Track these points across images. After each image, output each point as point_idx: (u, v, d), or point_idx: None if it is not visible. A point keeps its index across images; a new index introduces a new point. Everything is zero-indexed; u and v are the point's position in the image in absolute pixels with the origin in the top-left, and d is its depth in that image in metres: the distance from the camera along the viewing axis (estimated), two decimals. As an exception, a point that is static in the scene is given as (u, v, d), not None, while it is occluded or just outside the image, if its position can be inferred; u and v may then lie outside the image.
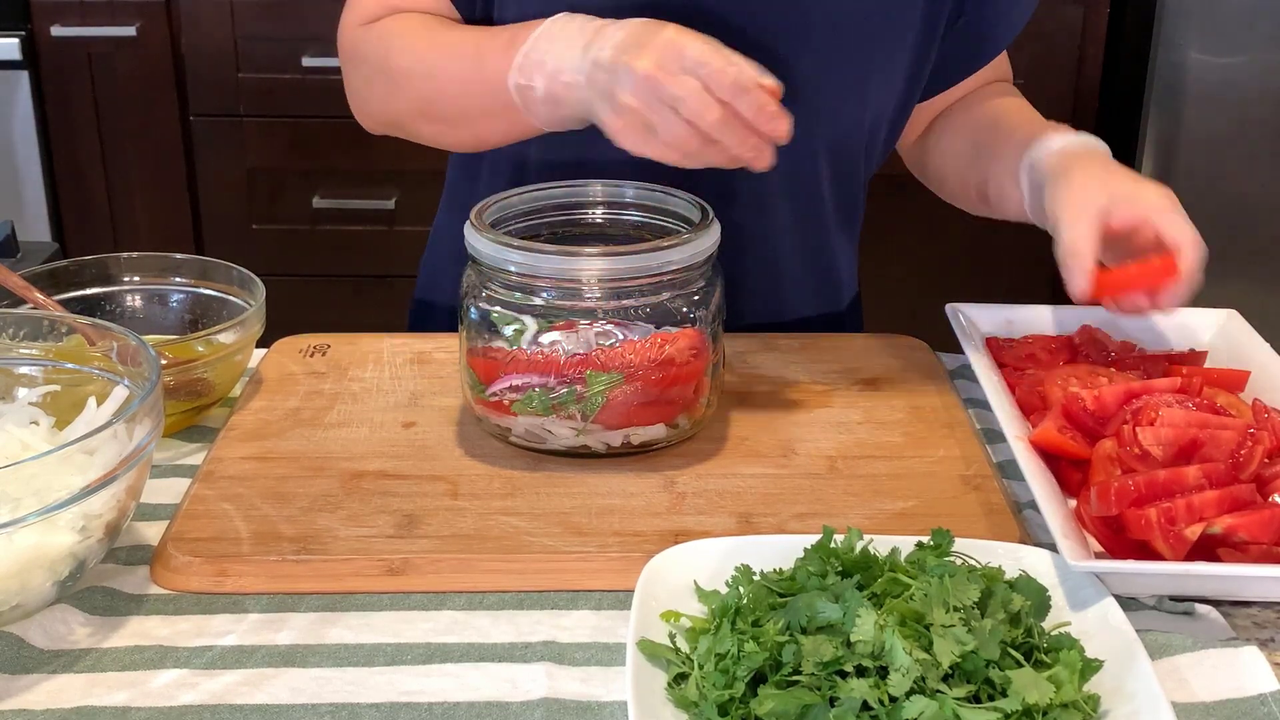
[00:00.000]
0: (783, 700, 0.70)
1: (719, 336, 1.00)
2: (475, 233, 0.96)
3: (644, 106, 0.93)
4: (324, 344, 1.16)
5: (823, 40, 1.14)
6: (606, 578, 0.87)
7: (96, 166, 2.44)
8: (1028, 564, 0.83)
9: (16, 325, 0.98)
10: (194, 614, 0.84)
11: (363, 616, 0.84)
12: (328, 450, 1.00)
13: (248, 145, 2.43)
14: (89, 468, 0.81)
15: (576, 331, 0.95)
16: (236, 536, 0.89)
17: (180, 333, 1.11)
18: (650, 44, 0.94)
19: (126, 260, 1.13)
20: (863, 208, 1.30)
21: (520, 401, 0.96)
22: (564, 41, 0.99)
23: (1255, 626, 0.84)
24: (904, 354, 1.17)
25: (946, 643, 0.71)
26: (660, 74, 0.92)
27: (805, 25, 1.13)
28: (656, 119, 0.93)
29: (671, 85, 0.92)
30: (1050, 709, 0.71)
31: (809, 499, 0.95)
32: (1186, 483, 0.87)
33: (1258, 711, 0.75)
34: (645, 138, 0.95)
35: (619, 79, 0.94)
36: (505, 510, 0.93)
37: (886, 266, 2.43)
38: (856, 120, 1.20)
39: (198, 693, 0.77)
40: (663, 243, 0.95)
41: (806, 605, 0.75)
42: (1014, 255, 2.49)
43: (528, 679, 0.78)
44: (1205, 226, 1.04)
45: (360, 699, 0.76)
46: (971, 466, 0.99)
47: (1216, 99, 2.33)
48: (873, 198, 1.33)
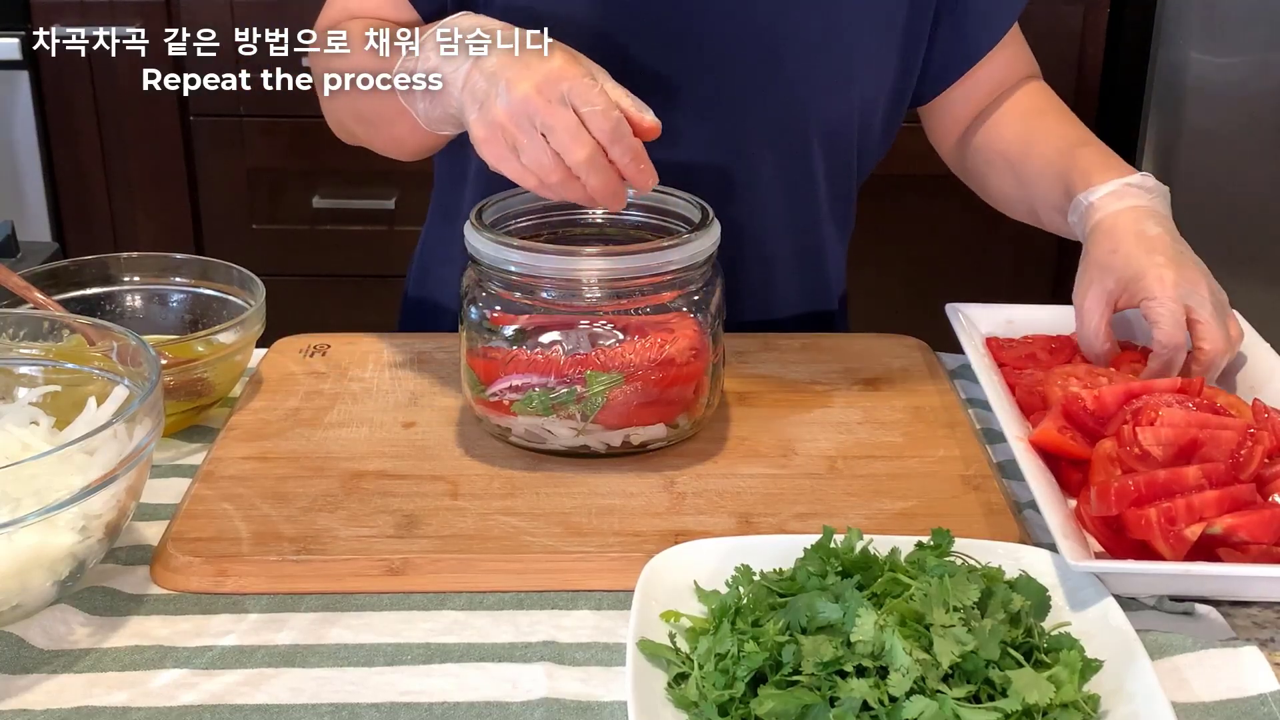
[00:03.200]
0: (783, 700, 0.70)
1: (719, 336, 1.00)
2: (475, 233, 0.96)
3: (514, 126, 0.91)
4: (324, 344, 1.16)
5: (809, 28, 1.14)
6: (606, 578, 0.87)
7: (96, 166, 2.44)
8: (1028, 564, 0.83)
9: (16, 325, 0.98)
10: (194, 614, 0.84)
11: (363, 616, 0.84)
12: (328, 450, 1.00)
13: (248, 145, 2.43)
14: (89, 468, 0.81)
15: (576, 331, 0.95)
16: (236, 536, 0.89)
17: (180, 333, 1.11)
18: (537, 67, 0.92)
19: (126, 260, 1.13)
20: (855, 205, 1.30)
21: (520, 401, 0.96)
22: (444, 45, 0.97)
23: (1255, 626, 0.84)
24: (904, 354, 1.17)
25: (946, 643, 0.71)
26: (538, 99, 0.91)
27: (791, 14, 1.13)
28: (524, 141, 0.92)
29: (546, 114, 0.90)
30: (1050, 709, 0.71)
31: (809, 499, 0.95)
32: (1186, 483, 0.87)
33: (1258, 711, 0.75)
34: (506, 156, 0.93)
35: (495, 92, 0.92)
36: (505, 510, 0.93)
37: (886, 266, 2.44)
38: (847, 111, 1.20)
39: (198, 693, 0.77)
40: (663, 243, 0.95)
41: (806, 605, 0.75)
42: (1014, 255, 2.50)
43: (528, 679, 0.78)
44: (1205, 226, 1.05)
45: (360, 699, 0.76)
46: (971, 466, 0.99)
47: (1216, 98, 2.33)
48: (871, 198, 1.33)
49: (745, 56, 1.14)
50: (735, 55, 1.14)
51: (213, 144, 2.44)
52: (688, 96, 1.15)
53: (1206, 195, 2.30)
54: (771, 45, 1.14)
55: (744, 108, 1.17)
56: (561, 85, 0.91)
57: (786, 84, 1.16)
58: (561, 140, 0.90)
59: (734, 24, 1.13)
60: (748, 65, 1.14)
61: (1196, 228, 1.02)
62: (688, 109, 1.15)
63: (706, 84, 1.15)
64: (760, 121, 1.17)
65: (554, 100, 0.91)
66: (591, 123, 0.91)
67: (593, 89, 0.91)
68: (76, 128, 2.40)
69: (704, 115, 1.16)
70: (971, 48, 1.25)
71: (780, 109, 1.17)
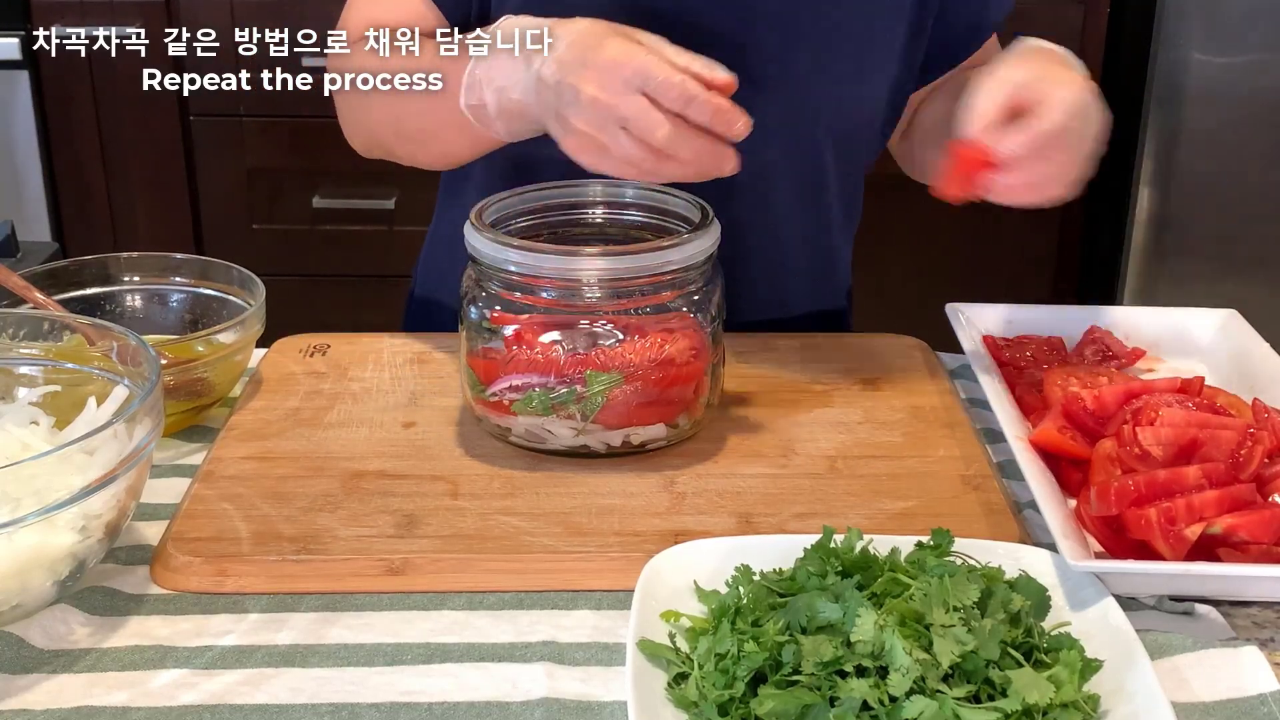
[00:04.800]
0: (783, 700, 0.70)
1: (719, 336, 1.00)
2: (475, 233, 0.96)
3: (594, 129, 0.92)
4: (324, 344, 1.16)
5: (821, 24, 1.14)
6: (606, 578, 0.87)
7: (96, 166, 2.44)
8: (1028, 564, 0.83)
9: (16, 325, 0.98)
10: (194, 614, 0.84)
11: (363, 616, 0.84)
12: (328, 450, 1.00)
13: (248, 145, 2.43)
14: (89, 468, 0.81)
15: (576, 331, 0.95)
16: (236, 536, 0.89)
17: (180, 333, 1.11)
18: (593, 62, 0.92)
19: (126, 260, 1.13)
20: (861, 198, 1.30)
21: (520, 401, 0.96)
22: (506, 55, 0.97)
23: (1255, 626, 0.84)
24: (904, 354, 1.17)
25: (946, 643, 0.71)
26: (605, 95, 0.91)
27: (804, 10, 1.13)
28: (607, 139, 0.92)
29: (618, 106, 0.90)
30: (1050, 709, 0.71)
31: (809, 499, 0.95)
32: (1186, 483, 0.87)
33: (1258, 711, 0.75)
34: (600, 157, 0.94)
35: (565, 101, 0.92)
36: (505, 510, 0.93)
37: (886, 266, 2.43)
38: (856, 106, 1.20)
39: (198, 693, 0.77)
40: (663, 243, 0.95)
41: (806, 605, 0.75)
42: (1014, 255, 2.49)
43: (528, 679, 0.78)
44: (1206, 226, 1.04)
45: (360, 699, 0.76)
46: (971, 466, 0.99)
47: (1216, 99, 2.33)
48: (872, 197, 1.33)
49: (758, 53, 1.14)
50: (748, 52, 1.14)
51: (213, 144, 2.44)
52: None
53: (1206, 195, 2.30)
54: (785, 42, 1.14)
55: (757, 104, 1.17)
56: (623, 73, 0.91)
57: (799, 80, 1.16)
58: (641, 126, 0.90)
59: (747, 21, 1.13)
60: (760, 62, 1.14)
61: (1197, 228, 1.02)
62: None
63: None
64: (773, 118, 1.17)
65: (619, 92, 0.90)
66: (661, 96, 0.90)
67: (651, 64, 0.90)
68: (76, 128, 2.40)
69: None
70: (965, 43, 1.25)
71: (793, 105, 1.17)
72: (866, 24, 1.16)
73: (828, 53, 1.15)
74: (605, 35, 0.93)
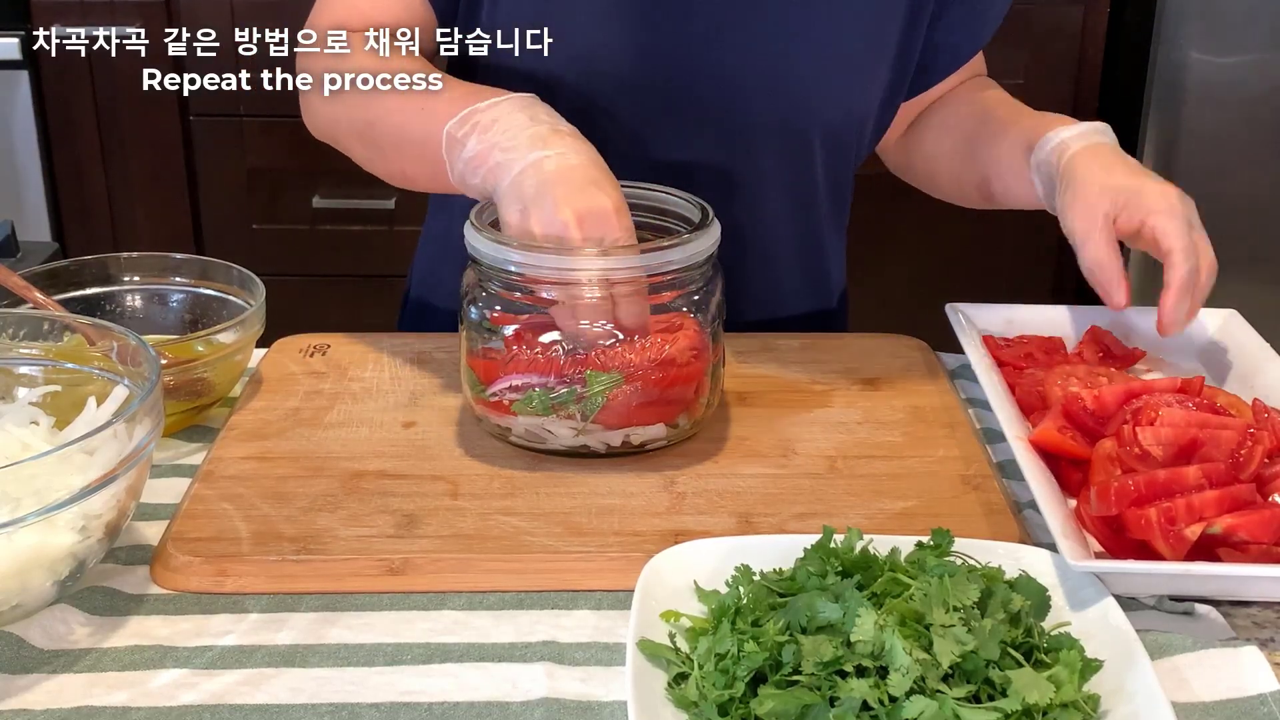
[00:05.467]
0: (783, 700, 0.70)
1: (719, 336, 1.00)
2: (475, 233, 0.96)
3: (541, 235, 0.93)
4: (324, 344, 1.16)
5: (814, 29, 1.14)
6: (606, 578, 0.87)
7: (96, 166, 2.44)
8: (1028, 564, 0.83)
9: (16, 325, 0.98)
10: (194, 614, 0.84)
11: (363, 616, 0.84)
12: (328, 450, 1.00)
13: (248, 145, 2.43)
14: (89, 468, 0.81)
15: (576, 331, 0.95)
16: (236, 536, 0.89)
17: (180, 333, 1.11)
18: (583, 203, 0.92)
19: (126, 260, 1.13)
20: (850, 201, 1.31)
21: (520, 401, 0.96)
22: (519, 124, 0.97)
23: (1255, 626, 0.84)
24: (904, 354, 1.17)
25: (946, 643, 0.71)
26: (569, 232, 0.92)
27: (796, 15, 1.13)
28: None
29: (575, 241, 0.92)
30: (1050, 709, 0.71)
31: (809, 499, 0.95)
32: (1186, 483, 0.87)
33: (1258, 711, 0.75)
34: None
35: (540, 202, 0.93)
36: (505, 510, 0.93)
37: (886, 266, 2.44)
38: (847, 109, 1.20)
39: (198, 693, 0.77)
40: (663, 243, 0.95)
41: (806, 605, 0.75)
42: (1014, 255, 2.49)
43: (528, 679, 0.78)
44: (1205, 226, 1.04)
45: (360, 699, 0.76)
46: (971, 466, 0.99)
47: (1216, 99, 2.33)
48: (872, 198, 1.34)
49: (750, 58, 1.14)
50: (740, 56, 1.14)
51: (213, 144, 2.44)
52: (691, 97, 1.15)
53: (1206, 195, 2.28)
54: (777, 47, 1.14)
55: (748, 109, 1.17)
56: (600, 229, 0.92)
57: (791, 85, 1.16)
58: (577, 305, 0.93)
59: (739, 25, 1.13)
60: (753, 66, 1.14)
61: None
62: (691, 110, 1.15)
63: (710, 85, 1.15)
64: (763, 122, 1.18)
65: (585, 235, 0.92)
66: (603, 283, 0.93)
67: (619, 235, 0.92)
68: (76, 128, 2.40)
69: (707, 116, 1.16)
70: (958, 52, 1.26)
71: (784, 110, 1.17)
72: (861, 32, 1.16)
73: (822, 60, 1.16)
74: (610, 187, 0.94)
